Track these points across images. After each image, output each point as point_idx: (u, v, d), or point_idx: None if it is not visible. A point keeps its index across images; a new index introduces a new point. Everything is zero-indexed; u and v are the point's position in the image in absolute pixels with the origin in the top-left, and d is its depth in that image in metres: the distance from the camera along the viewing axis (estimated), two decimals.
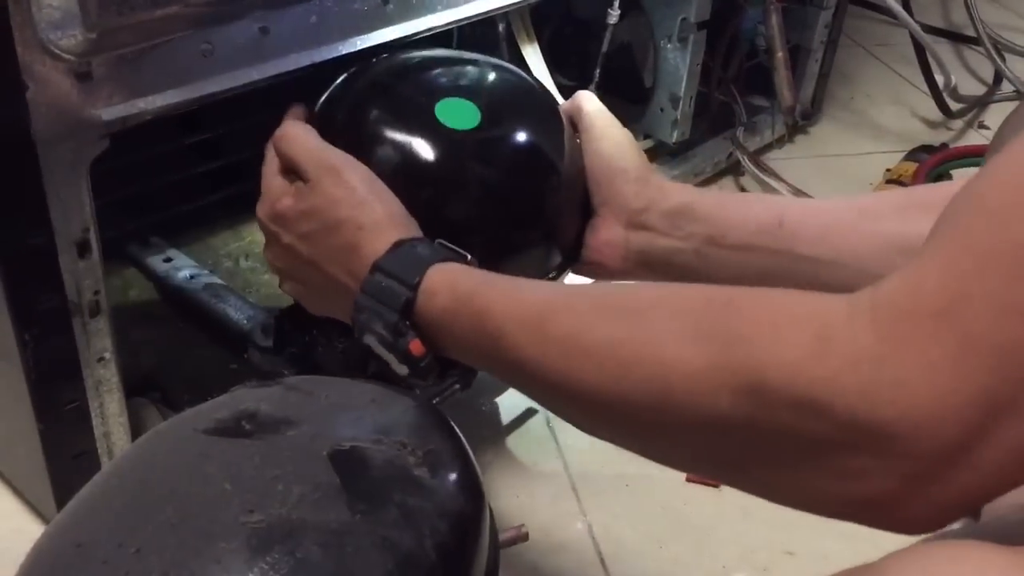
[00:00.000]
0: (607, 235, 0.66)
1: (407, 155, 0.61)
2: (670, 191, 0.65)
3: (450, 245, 0.56)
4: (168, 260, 0.87)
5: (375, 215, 0.56)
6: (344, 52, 0.66)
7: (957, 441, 0.34)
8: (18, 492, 0.72)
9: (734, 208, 0.64)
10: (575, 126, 0.69)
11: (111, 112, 0.56)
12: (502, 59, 0.97)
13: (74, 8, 0.52)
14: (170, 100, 0.58)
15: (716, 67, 1.12)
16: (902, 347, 0.35)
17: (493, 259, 0.58)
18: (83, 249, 0.59)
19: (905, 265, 0.37)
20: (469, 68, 0.69)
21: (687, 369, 0.41)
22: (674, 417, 0.41)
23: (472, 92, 0.65)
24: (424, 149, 0.62)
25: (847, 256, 0.59)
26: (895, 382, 0.35)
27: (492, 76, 0.69)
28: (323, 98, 0.66)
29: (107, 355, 0.63)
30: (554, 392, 0.47)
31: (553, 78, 0.99)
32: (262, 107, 0.66)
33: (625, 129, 0.69)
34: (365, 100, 0.64)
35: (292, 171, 0.60)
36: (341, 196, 0.57)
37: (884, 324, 0.36)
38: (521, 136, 0.66)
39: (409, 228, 0.57)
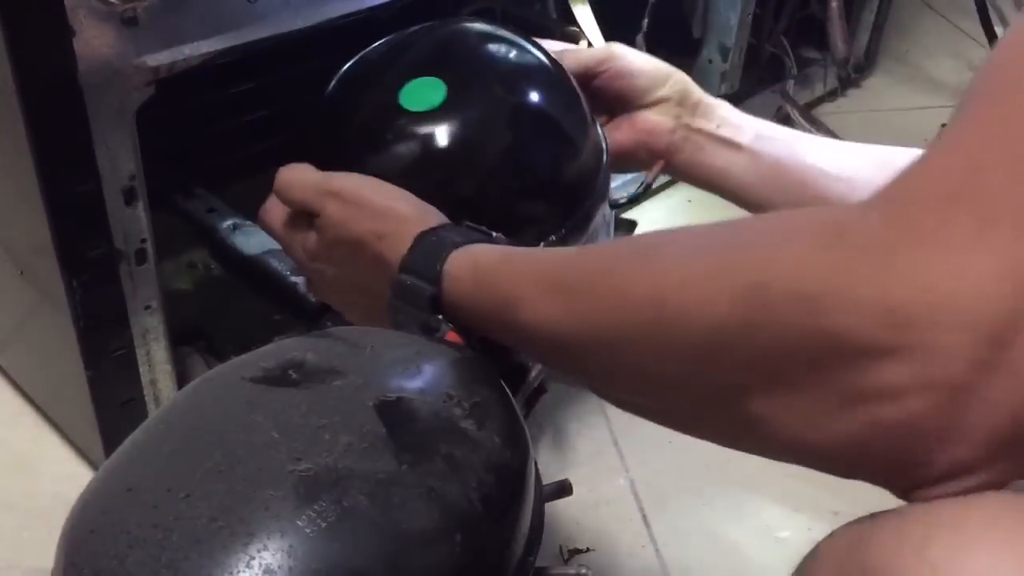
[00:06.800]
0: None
1: (386, 153, 0.60)
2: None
3: (475, 225, 0.54)
4: (212, 211, 0.87)
5: (391, 219, 0.55)
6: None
7: (988, 326, 0.30)
8: (68, 438, 0.74)
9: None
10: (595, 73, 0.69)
11: (156, 58, 0.56)
12: (549, 11, 0.96)
13: None
14: (215, 47, 0.58)
15: (767, 17, 1.09)
16: (917, 230, 0.32)
17: (513, 228, 0.56)
18: (130, 196, 0.59)
19: (914, 160, 0.35)
20: (432, 42, 0.64)
21: (683, 277, 0.38)
22: (668, 337, 0.38)
23: (437, 68, 0.61)
24: (394, 140, 0.60)
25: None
26: (911, 265, 0.31)
27: (454, 47, 0.65)
28: (306, 123, 0.63)
29: (154, 303, 0.64)
30: (561, 345, 0.45)
31: (601, 29, 0.97)
32: (306, 56, 0.65)
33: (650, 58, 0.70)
34: (335, 115, 0.63)
35: (303, 212, 0.58)
36: (352, 214, 0.55)
37: (897, 211, 0.33)
38: (495, 104, 0.62)
39: (429, 218, 0.55)
